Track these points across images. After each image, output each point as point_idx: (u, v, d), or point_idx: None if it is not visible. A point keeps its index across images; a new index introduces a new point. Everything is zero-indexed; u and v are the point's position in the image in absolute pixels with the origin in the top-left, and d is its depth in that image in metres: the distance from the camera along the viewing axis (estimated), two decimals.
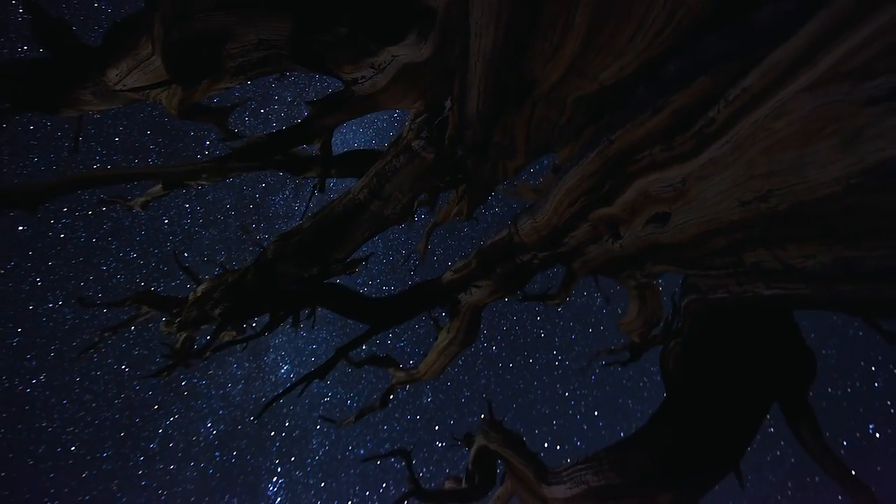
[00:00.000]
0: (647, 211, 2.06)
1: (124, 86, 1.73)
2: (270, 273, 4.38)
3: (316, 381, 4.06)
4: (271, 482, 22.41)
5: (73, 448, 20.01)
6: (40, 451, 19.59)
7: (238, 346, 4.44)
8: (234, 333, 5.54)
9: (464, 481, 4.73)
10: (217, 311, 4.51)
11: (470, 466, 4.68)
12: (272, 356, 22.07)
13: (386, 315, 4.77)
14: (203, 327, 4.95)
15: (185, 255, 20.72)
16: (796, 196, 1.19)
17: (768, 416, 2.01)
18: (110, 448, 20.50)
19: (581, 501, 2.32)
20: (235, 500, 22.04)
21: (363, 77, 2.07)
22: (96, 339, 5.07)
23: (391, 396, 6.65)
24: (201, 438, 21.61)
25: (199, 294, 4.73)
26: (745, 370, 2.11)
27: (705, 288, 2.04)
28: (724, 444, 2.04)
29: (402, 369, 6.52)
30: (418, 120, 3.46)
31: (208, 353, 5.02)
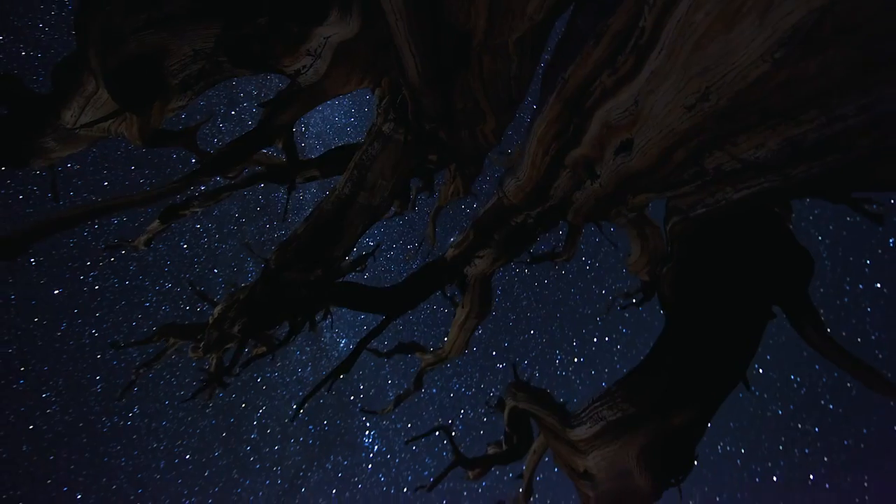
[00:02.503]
0: (613, 142, 2.03)
1: (80, 125, 1.79)
2: (277, 283, 4.48)
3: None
4: (365, 435, 25.99)
5: (187, 456, 23.72)
6: (161, 465, 23.36)
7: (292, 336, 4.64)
8: (264, 347, 5.71)
9: (503, 443, 4.87)
10: (236, 329, 4.66)
11: (507, 429, 4.80)
12: (328, 335, 24.37)
13: (398, 302, 4.84)
14: (229, 346, 5.12)
15: (215, 270, 22.47)
16: (732, 87, 1.17)
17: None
18: (219, 447, 23.95)
19: (603, 437, 2.38)
20: (339, 457, 25.79)
21: (304, 67, 2.07)
22: (133, 377, 5.32)
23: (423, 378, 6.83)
24: (294, 421, 24.78)
25: (216, 316, 4.89)
26: (741, 280, 2.10)
27: (685, 207, 2.02)
28: (729, 357, 2.05)
29: (428, 351, 6.66)
30: (383, 103, 3.45)
31: (237, 371, 5.22)
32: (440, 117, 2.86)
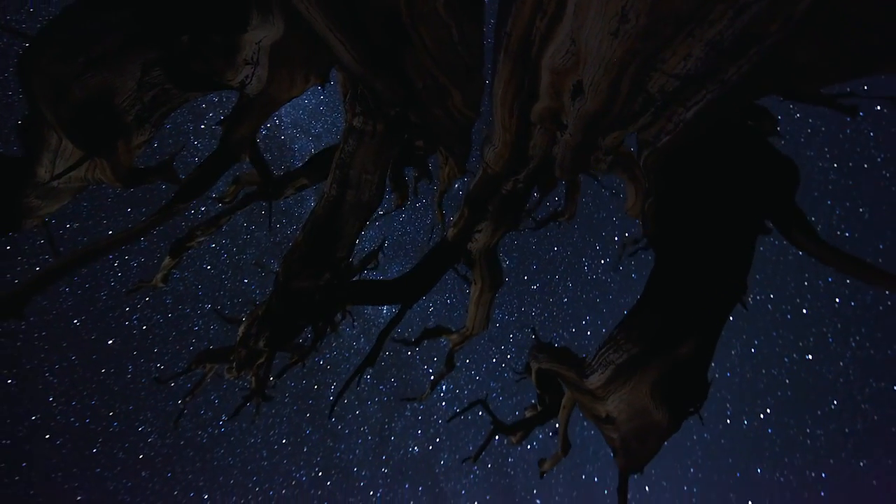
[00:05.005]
0: (566, 87, 1.99)
1: (55, 177, 1.89)
2: (290, 293, 4.61)
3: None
4: (431, 381, 29.45)
5: (283, 440, 27.00)
6: (264, 454, 26.72)
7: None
8: (296, 356, 5.93)
9: (537, 405, 4.96)
10: (262, 343, 4.85)
11: (537, 390, 4.89)
12: (368, 307, 25.94)
13: (410, 290, 4.91)
14: (260, 361, 5.33)
15: (245, 281, 24.09)
16: (644, 2, 1.13)
17: None
18: (307, 426, 26.97)
19: (615, 380, 2.40)
20: (415, 403, 28.78)
21: (247, 77, 2.11)
22: (182, 408, 5.63)
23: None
24: (365, 386, 27.56)
25: (241, 335, 5.09)
26: (724, 202, 2.05)
27: (651, 139, 1.98)
28: (724, 278, 2.02)
29: (453, 332, 6.77)
30: (348, 99, 3.46)
31: (272, 381, 5.46)
32: (402, 101, 2.85)
